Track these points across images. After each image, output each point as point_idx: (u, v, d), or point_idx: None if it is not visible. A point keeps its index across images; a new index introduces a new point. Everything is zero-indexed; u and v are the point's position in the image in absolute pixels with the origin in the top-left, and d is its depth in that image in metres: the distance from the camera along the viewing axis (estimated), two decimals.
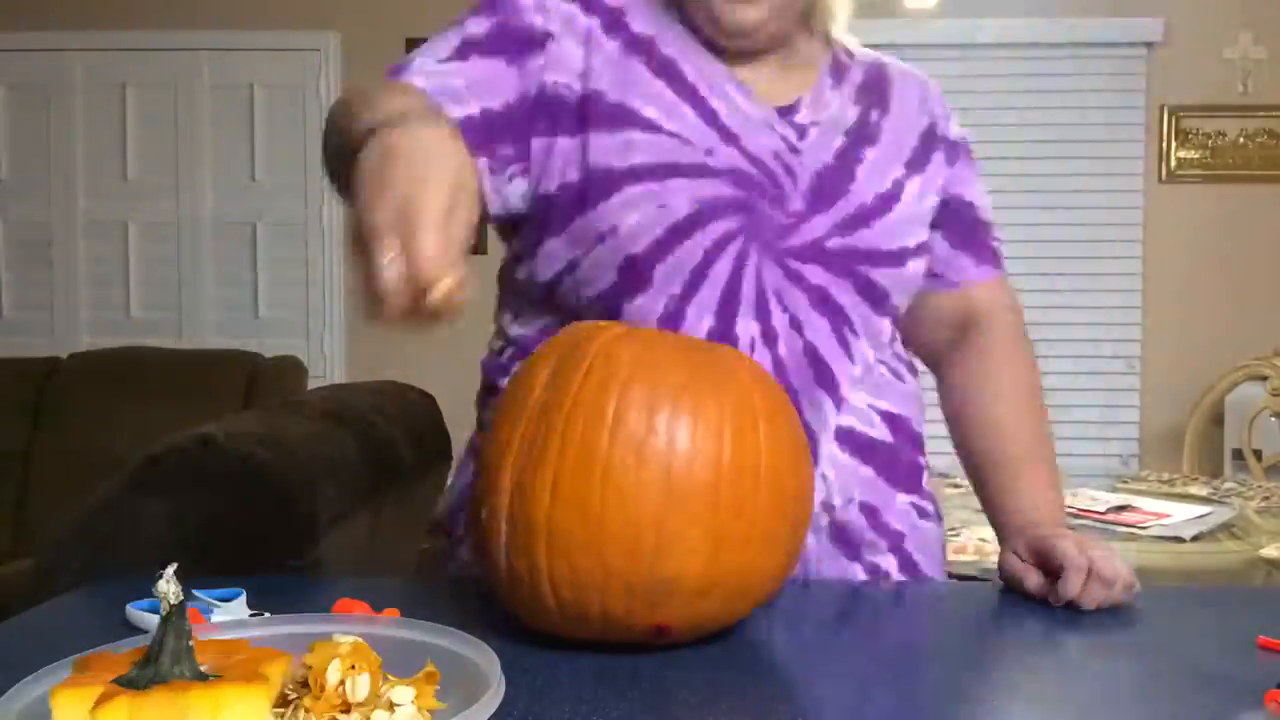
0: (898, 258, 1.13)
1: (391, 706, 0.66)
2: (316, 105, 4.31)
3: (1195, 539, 2.17)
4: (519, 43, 1.09)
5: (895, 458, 1.15)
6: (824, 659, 0.88)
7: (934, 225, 1.20)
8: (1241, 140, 4.23)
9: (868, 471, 1.12)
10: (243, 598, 0.96)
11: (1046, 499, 1.18)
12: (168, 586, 0.64)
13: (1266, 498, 2.61)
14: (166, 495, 1.59)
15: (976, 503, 1.23)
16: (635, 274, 1.06)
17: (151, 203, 4.35)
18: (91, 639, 0.84)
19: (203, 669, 0.64)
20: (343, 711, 0.66)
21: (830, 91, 1.17)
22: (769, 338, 1.08)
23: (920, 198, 1.17)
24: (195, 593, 0.96)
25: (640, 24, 1.13)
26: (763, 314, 1.08)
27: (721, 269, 1.07)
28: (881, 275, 1.12)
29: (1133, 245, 4.26)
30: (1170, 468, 3.42)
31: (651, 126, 1.08)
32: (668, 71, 1.11)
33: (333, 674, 0.66)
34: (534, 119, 1.08)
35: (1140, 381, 4.27)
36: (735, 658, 0.85)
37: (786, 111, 1.14)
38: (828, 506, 1.10)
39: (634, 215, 1.05)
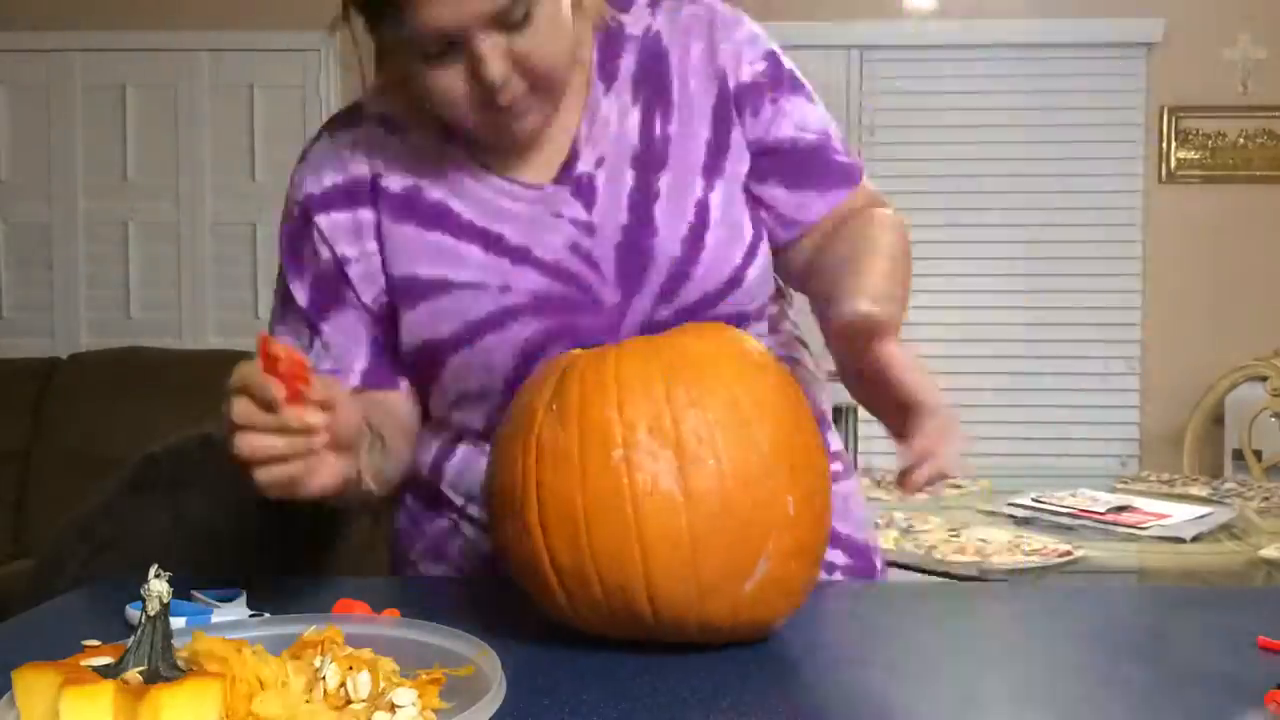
0: (733, 282, 1.08)
1: (393, 708, 0.66)
2: (316, 105, 4.31)
3: (1195, 539, 2.17)
4: (335, 287, 1.10)
5: None
6: (824, 659, 0.88)
7: (764, 178, 1.11)
8: (1241, 140, 4.23)
9: None
10: (243, 598, 0.96)
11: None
12: (160, 585, 0.64)
13: (1266, 498, 2.61)
14: (166, 495, 1.59)
15: (977, 502, 1.23)
16: (433, 363, 1.09)
17: (151, 203, 4.34)
18: (90, 639, 0.84)
19: (180, 665, 0.64)
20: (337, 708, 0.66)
21: (605, 102, 1.09)
22: None
23: (728, 202, 1.08)
24: (195, 593, 0.96)
25: (398, 179, 1.10)
26: None
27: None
28: (728, 305, 1.08)
29: (1132, 245, 4.25)
30: (1170, 468, 3.42)
31: (441, 286, 1.06)
32: (440, 220, 1.08)
33: (332, 677, 0.66)
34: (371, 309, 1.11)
35: (1140, 382, 4.27)
36: (735, 658, 0.85)
37: (565, 175, 1.07)
38: None
39: (457, 359, 1.07)
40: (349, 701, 0.66)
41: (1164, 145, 4.23)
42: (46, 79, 4.33)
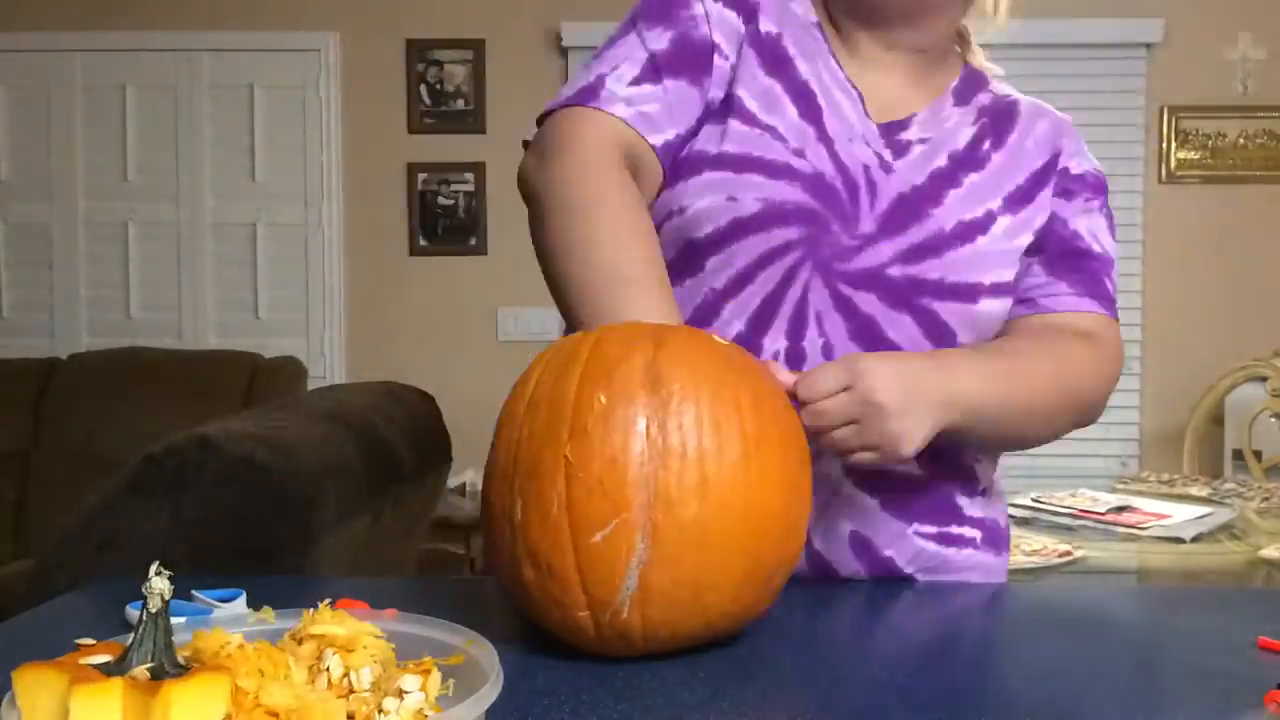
0: (967, 293, 1.07)
1: (400, 694, 0.66)
2: (316, 105, 4.31)
3: (1195, 540, 2.17)
4: (698, 60, 1.10)
5: (918, 490, 1.10)
6: (823, 659, 0.87)
7: (1031, 251, 1.13)
8: (1241, 141, 4.23)
9: (871, 502, 1.08)
10: (242, 598, 0.96)
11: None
12: (161, 583, 0.64)
13: (1266, 498, 2.61)
14: (166, 495, 1.59)
15: None
16: (689, 258, 1.07)
17: (151, 203, 4.34)
18: (91, 639, 0.84)
19: (181, 662, 0.64)
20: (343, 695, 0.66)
21: (950, 109, 1.16)
22: (795, 357, 1.05)
23: (1010, 235, 1.10)
24: (195, 593, 0.96)
25: (769, 21, 1.13)
26: (795, 333, 1.05)
27: (769, 277, 1.05)
28: (946, 310, 1.07)
29: (1132, 246, 4.25)
30: (1170, 468, 3.42)
31: (749, 117, 1.08)
32: (782, 69, 1.11)
33: (335, 666, 0.67)
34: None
35: (1140, 382, 4.27)
36: (735, 658, 0.85)
37: (895, 128, 1.13)
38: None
39: (703, 200, 1.06)
40: (353, 690, 0.66)
41: (1164, 145, 4.23)
42: (46, 79, 4.33)
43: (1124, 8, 4.20)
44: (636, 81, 1.07)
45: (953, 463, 1.11)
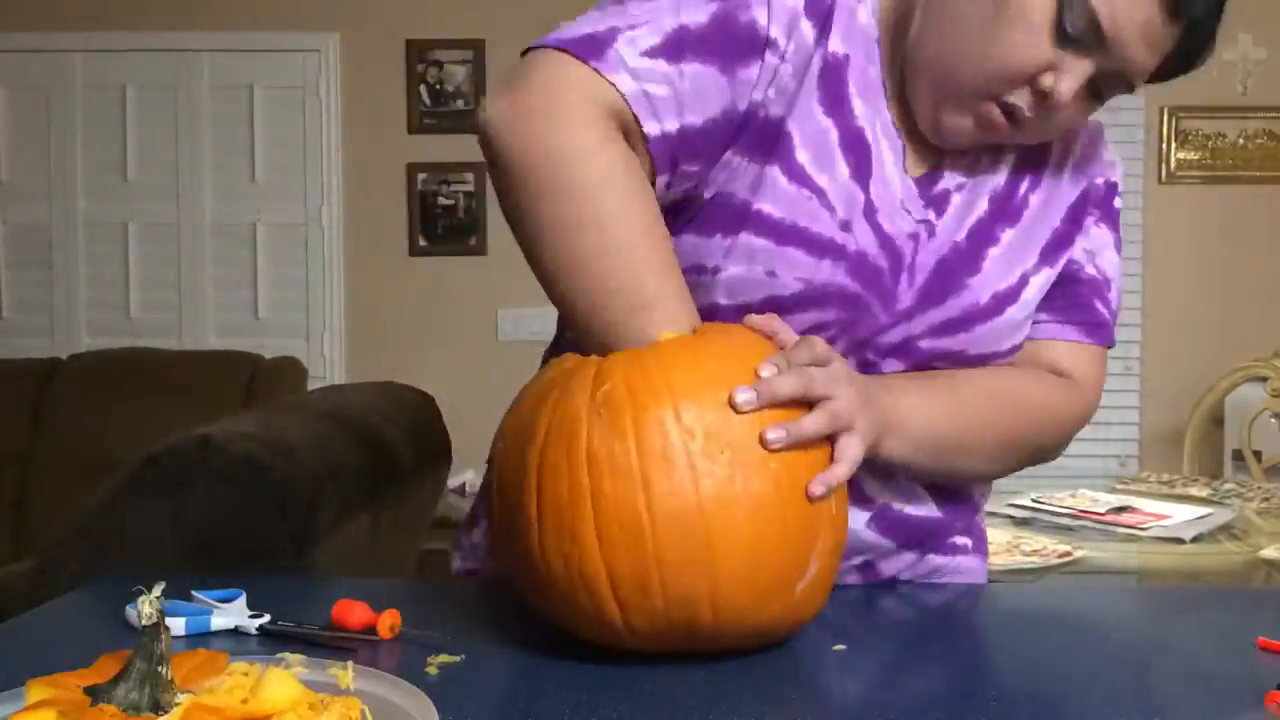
0: (982, 360, 1.04)
1: None
2: (316, 106, 4.31)
3: (1195, 540, 2.16)
4: (737, 46, 0.95)
5: (931, 531, 1.08)
6: (823, 661, 0.87)
7: None
8: (1241, 141, 4.23)
9: (887, 544, 1.06)
10: (242, 599, 0.96)
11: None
12: (148, 608, 0.64)
13: (1266, 499, 2.60)
14: (165, 496, 1.59)
15: None
16: (715, 318, 0.97)
17: (151, 203, 4.34)
18: (91, 640, 0.84)
19: (171, 693, 0.64)
20: None
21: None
22: None
23: (1039, 292, 1.05)
24: (195, 593, 0.96)
25: (839, 38, 0.99)
26: None
27: None
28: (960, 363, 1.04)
29: (1132, 246, 4.25)
30: (1170, 469, 3.42)
31: (798, 173, 0.97)
32: (839, 110, 0.98)
33: None
34: (735, 135, 0.97)
35: (1140, 382, 4.27)
36: (735, 660, 0.85)
37: (931, 180, 1.03)
38: None
39: (739, 266, 0.97)
40: None
41: (1164, 146, 4.23)
42: (46, 79, 4.33)
43: None
44: (652, 53, 0.92)
45: (963, 496, 1.11)
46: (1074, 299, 1.08)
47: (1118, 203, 1.13)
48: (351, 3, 4.30)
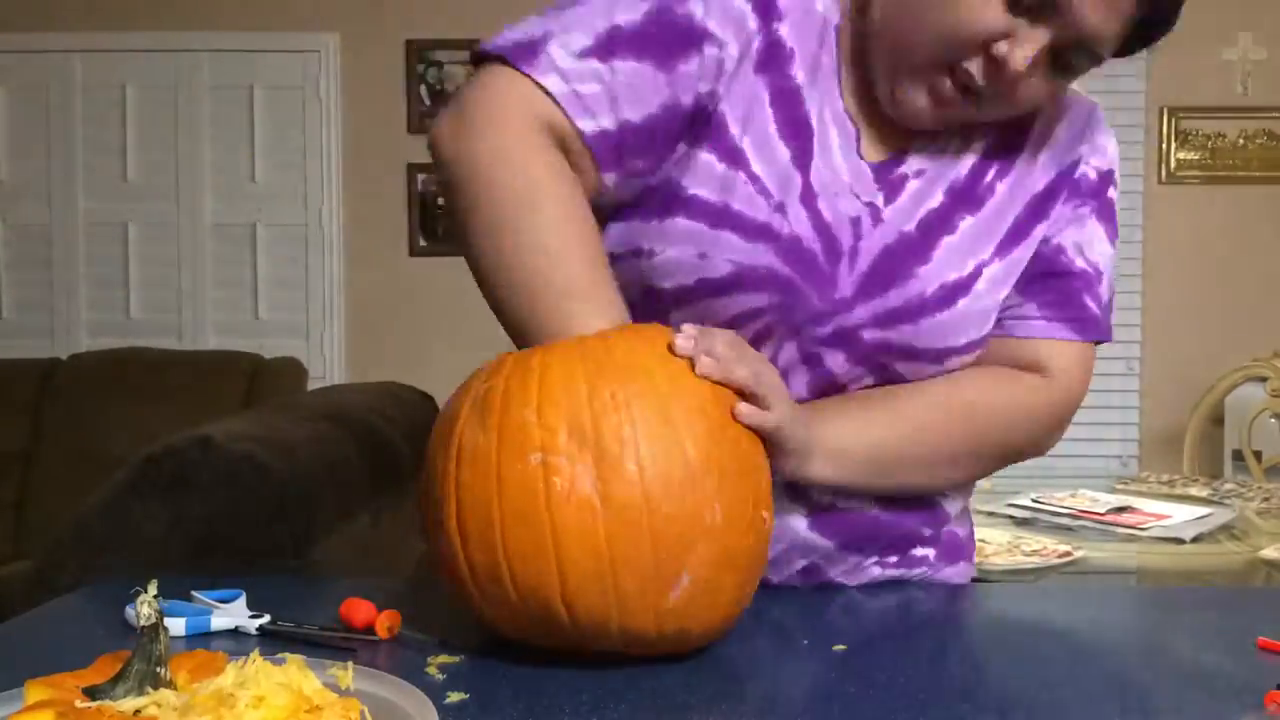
0: (936, 356, 1.02)
1: None
2: (316, 106, 4.31)
3: (1195, 540, 2.16)
4: (673, 40, 0.96)
5: (875, 531, 1.06)
6: (822, 661, 0.87)
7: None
8: (1241, 141, 4.23)
9: (826, 544, 1.05)
10: (242, 599, 0.96)
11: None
12: (146, 608, 0.64)
13: (1266, 499, 2.60)
14: (165, 496, 1.59)
15: (976, 503, 1.22)
16: (652, 305, 0.99)
17: (151, 204, 4.34)
18: (90, 639, 0.84)
19: (167, 691, 0.64)
20: None
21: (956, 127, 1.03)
22: None
23: (994, 286, 1.02)
24: (195, 593, 0.96)
25: (789, 27, 0.99)
26: None
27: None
28: (911, 370, 1.02)
29: (1132, 246, 4.26)
30: (1170, 469, 3.42)
31: (733, 154, 0.97)
32: (785, 98, 0.98)
33: None
34: (683, 130, 0.98)
35: (1140, 382, 4.27)
36: (734, 661, 0.85)
37: (891, 165, 1.01)
38: None
39: (672, 249, 0.97)
40: None
41: (1164, 146, 4.23)
42: (46, 79, 4.33)
43: None
44: (585, 54, 0.94)
45: (923, 504, 1.08)
46: (1063, 293, 1.06)
47: (1113, 192, 1.11)
48: (351, 3, 4.30)
